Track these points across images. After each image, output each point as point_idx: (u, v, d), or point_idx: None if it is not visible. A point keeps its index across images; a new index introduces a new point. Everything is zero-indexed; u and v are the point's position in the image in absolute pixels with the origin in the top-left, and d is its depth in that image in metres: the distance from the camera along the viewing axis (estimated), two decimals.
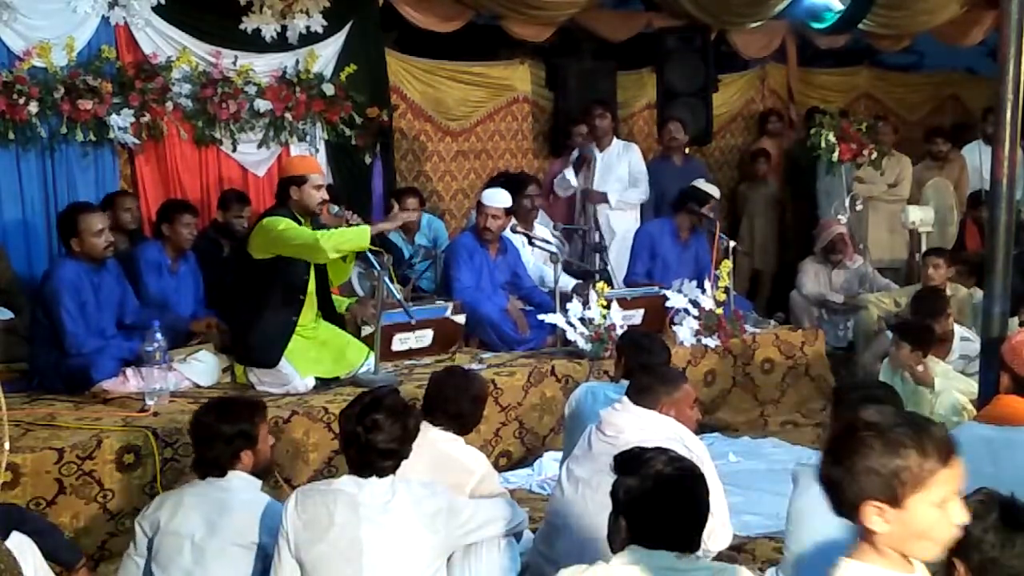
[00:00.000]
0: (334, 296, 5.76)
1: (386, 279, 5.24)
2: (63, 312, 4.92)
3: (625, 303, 6.09)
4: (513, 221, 6.43)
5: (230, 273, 5.79)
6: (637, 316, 6.19)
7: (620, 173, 7.77)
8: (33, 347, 5.15)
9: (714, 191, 6.92)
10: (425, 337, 5.81)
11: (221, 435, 3.37)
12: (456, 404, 3.84)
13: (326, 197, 5.26)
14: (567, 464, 3.68)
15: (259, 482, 3.46)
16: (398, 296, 5.35)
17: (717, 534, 3.46)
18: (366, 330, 5.60)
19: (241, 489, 3.39)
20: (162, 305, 5.60)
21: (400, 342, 5.71)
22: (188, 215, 5.85)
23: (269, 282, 5.10)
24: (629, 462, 2.58)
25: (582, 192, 7.74)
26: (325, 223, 5.30)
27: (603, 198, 7.67)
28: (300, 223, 5.13)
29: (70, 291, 4.95)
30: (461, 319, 5.95)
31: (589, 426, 3.68)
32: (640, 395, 3.55)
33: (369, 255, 5.19)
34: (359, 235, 5.01)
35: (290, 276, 5.14)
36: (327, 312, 5.43)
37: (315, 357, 5.23)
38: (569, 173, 7.81)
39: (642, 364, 4.01)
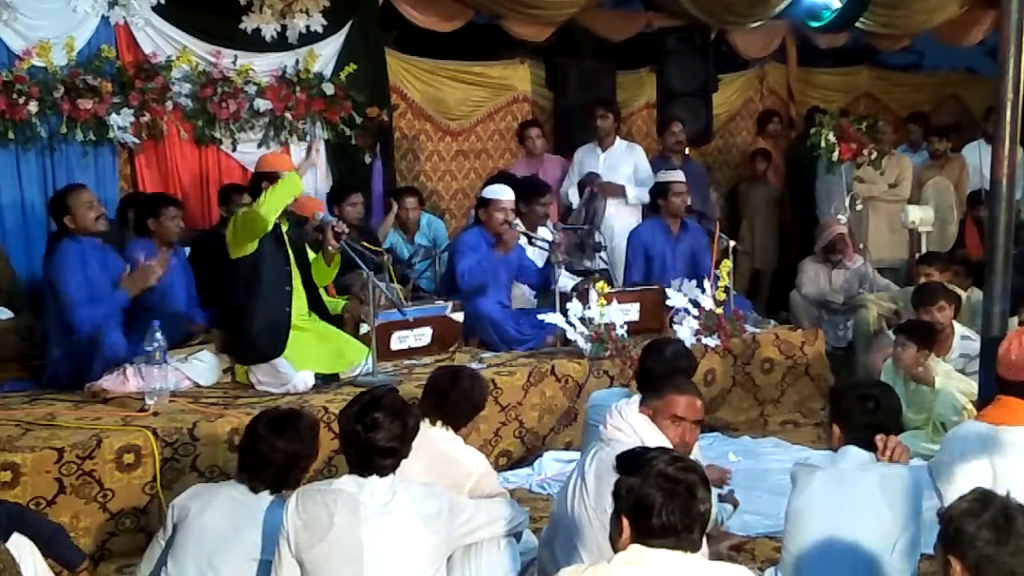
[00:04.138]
0: (330, 298, 5.76)
1: (375, 279, 5.24)
2: (65, 286, 4.92)
3: (621, 296, 6.09)
4: (517, 221, 6.42)
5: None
6: (634, 311, 6.18)
7: (625, 173, 7.77)
8: (45, 341, 5.14)
9: (677, 175, 6.97)
10: (424, 335, 5.81)
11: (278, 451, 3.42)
12: (446, 396, 3.84)
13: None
14: (577, 460, 3.69)
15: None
16: (390, 295, 5.36)
17: None
18: (364, 328, 5.60)
19: (271, 501, 3.38)
20: (158, 300, 5.57)
21: (399, 340, 5.70)
22: (173, 208, 5.77)
23: (253, 279, 5.12)
24: (631, 461, 2.58)
25: (596, 186, 7.73)
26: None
27: (621, 191, 7.66)
28: (275, 222, 5.16)
29: (73, 267, 4.96)
30: (460, 317, 5.95)
31: (591, 426, 3.70)
32: (641, 393, 3.57)
33: (354, 256, 5.19)
34: (287, 184, 5.05)
35: (271, 269, 5.16)
36: (320, 313, 5.43)
37: (313, 354, 5.23)
38: (573, 194, 7.82)
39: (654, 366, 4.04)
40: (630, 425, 3.43)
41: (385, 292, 5.33)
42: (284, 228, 5.27)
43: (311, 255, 5.42)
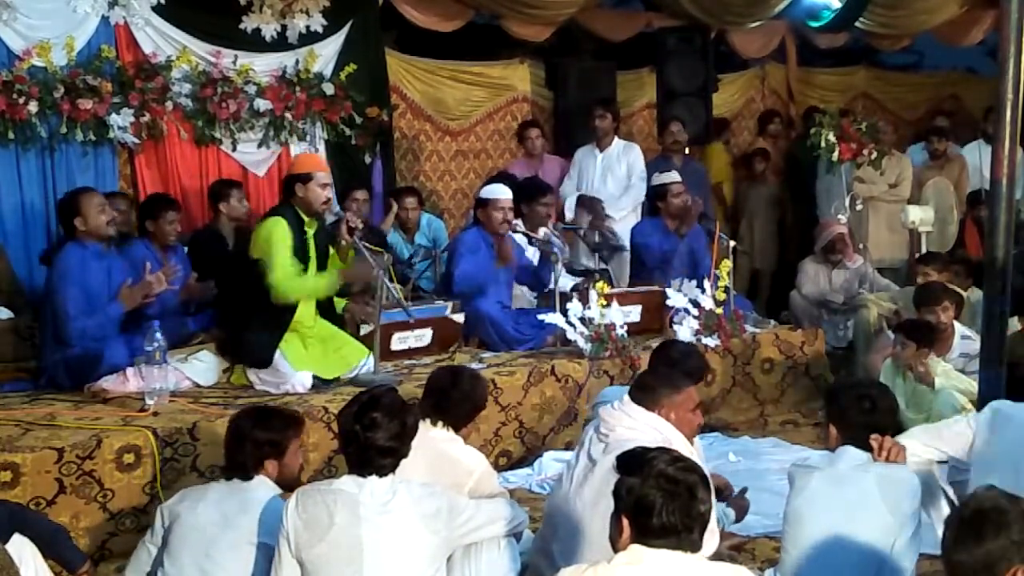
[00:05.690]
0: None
1: (385, 279, 5.24)
2: (61, 296, 4.91)
3: (622, 298, 6.10)
4: (517, 221, 6.43)
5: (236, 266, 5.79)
6: (635, 312, 6.19)
7: (619, 174, 7.78)
8: (43, 343, 5.14)
9: (673, 176, 6.99)
10: (424, 336, 5.82)
11: (251, 440, 3.43)
12: (447, 396, 3.85)
13: (330, 196, 5.26)
14: (569, 460, 3.70)
15: (279, 491, 3.47)
16: (397, 296, 5.35)
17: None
18: (365, 329, 5.59)
19: (262, 493, 3.41)
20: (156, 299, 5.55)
21: (399, 341, 5.71)
22: (172, 212, 5.78)
23: (263, 285, 5.11)
24: (631, 461, 2.58)
25: (581, 202, 7.76)
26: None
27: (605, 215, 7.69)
28: (303, 222, 5.15)
29: (73, 276, 4.95)
30: (460, 318, 5.96)
31: (591, 423, 3.70)
32: (641, 394, 3.55)
33: (367, 254, 5.18)
34: (322, 288, 5.10)
35: None
36: (326, 311, 5.43)
37: (312, 355, 5.22)
38: (568, 210, 7.81)
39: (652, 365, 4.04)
40: (647, 424, 3.44)
41: (393, 292, 5.31)
42: (313, 231, 5.25)
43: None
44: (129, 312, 5.12)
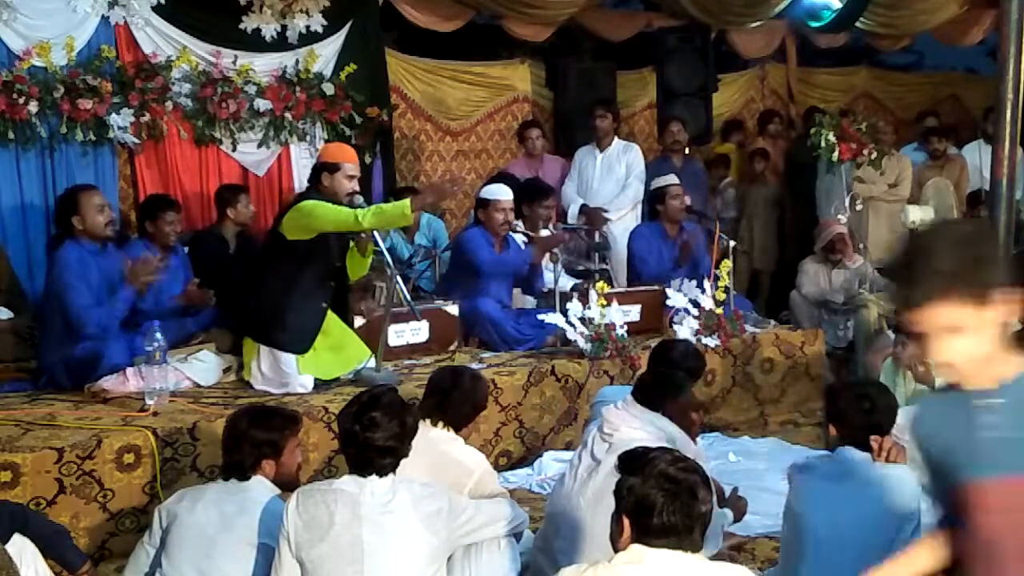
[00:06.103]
0: None
1: (399, 280, 5.21)
2: (70, 291, 4.91)
3: (622, 297, 6.10)
4: (517, 221, 6.44)
5: (238, 269, 5.79)
6: (635, 312, 6.20)
7: (619, 174, 7.79)
8: (43, 343, 5.14)
9: (671, 179, 6.99)
10: (421, 331, 5.82)
11: (248, 440, 3.44)
12: (448, 396, 3.85)
13: (356, 188, 5.22)
14: (571, 459, 3.70)
15: (278, 491, 3.48)
16: (407, 297, 5.34)
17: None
18: (359, 321, 5.56)
19: (260, 493, 3.41)
20: (154, 301, 5.55)
21: (396, 335, 5.70)
22: (171, 212, 5.77)
23: (304, 266, 5.08)
24: (632, 461, 2.58)
25: (583, 211, 7.77)
26: None
27: (605, 220, 7.68)
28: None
29: (75, 270, 4.96)
30: (454, 310, 5.97)
31: (594, 423, 3.71)
32: (644, 394, 3.56)
33: (385, 254, 5.17)
34: (399, 211, 4.86)
35: (323, 262, 5.13)
36: (337, 303, 5.41)
37: (319, 359, 5.21)
38: (572, 217, 7.80)
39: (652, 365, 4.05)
40: (652, 424, 3.44)
41: (405, 294, 5.30)
42: None
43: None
44: (129, 312, 5.12)
